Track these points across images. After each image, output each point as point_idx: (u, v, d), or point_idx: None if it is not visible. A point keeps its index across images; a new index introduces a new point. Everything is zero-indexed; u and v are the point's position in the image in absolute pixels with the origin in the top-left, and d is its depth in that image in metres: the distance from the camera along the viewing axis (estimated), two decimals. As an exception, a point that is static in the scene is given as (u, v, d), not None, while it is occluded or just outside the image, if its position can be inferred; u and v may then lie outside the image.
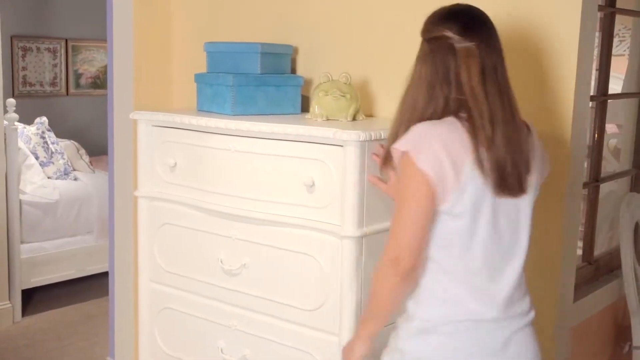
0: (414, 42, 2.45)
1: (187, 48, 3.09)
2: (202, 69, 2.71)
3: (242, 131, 2.28)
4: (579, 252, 2.81)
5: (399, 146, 1.70)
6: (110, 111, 3.21)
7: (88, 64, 6.84)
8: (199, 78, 2.63)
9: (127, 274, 3.21)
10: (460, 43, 1.70)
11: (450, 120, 1.70)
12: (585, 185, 2.63)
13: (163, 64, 3.14)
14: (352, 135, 2.03)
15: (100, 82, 6.83)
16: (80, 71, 6.78)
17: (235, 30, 2.92)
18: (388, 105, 2.54)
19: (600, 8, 2.82)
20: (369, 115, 2.55)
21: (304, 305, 2.21)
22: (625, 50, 3.66)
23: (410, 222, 1.67)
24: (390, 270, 1.69)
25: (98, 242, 4.84)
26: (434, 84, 1.72)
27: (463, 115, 1.70)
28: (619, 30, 3.75)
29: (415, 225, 1.67)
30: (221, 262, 2.39)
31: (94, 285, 4.79)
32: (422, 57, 1.77)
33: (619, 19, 3.44)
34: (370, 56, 2.57)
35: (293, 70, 2.74)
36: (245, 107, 2.47)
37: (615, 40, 3.55)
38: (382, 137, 2.09)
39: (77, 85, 6.78)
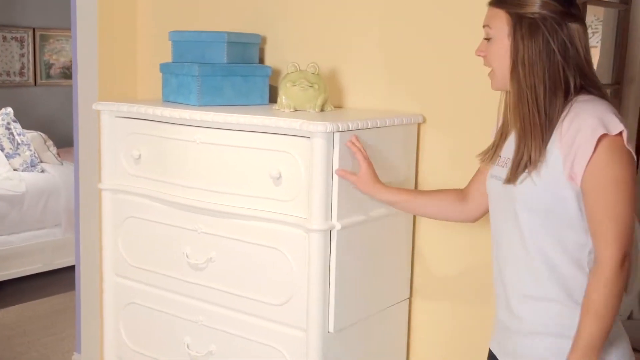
0: (384, 32, 2.43)
1: (153, 37, 3.02)
2: (169, 58, 2.65)
3: (207, 122, 2.22)
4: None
5: (612, 128, 1.50)
6: (75, 102, 3.15)
7: (57, 53, 6.72)
8: (164, 68, 2.56)
9: (93, 268, 3.14)
10: (571, 18, 1.59)
11: (598, 99, 1.58)
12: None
13: (128, 54, 3.07)
14: (319, 127, 1.98)
15: (69, 72, 6.72)
16: (51, 61, 6.66)
17: (202, 18, 2.86)
18: (357, 96, 2.50)
19: (572, -2, 2.79)
20: (338, 106, 2.51)
21: (271, 299, 2.17)
22: (597, 42, 3.66)
23: (632, 211, 1.52)
24: (622, 271, 1.51)
25: (66, 235, 4.76)
26: (552, 65, 1.57)
27: (589, 92, 1.59)
28: (592, 21, 3.74)
29: (634, 213, 1.53)
30: (187, 256, 2.34)
31: (61, 279, 4.71)
32: (525, 36, 1.58)
33: (592, 9, 3.44)
34: (339, 46, 2.52)
35: (261, 60, 2.69)
36: (211, 98, 2.42)
37: (588, 32, 3.54)
38: (350, 129, 2.05)
39: (48, 76, 6.67)
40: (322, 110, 2.31)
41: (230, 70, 2.45)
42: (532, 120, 1.58)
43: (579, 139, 1.52)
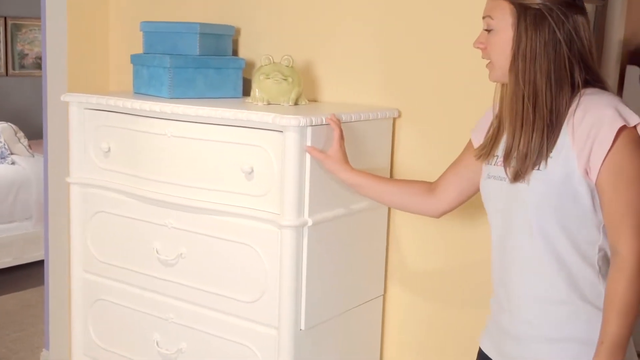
0: (360, 25, 2.39)
1: (125, 27, 2.95)
2: (141, 49, 2.59)
3: (178, 115, 2.17)
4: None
5: (630, 120, 1.46)
6: (44, 93, 3.07)
7: (31, 43, 6.61)
8: (135, 59, 2.51)
9: (62, 263, 3.08)
10: (576, 10, 1.53)
11: (606, 92, 1.54)
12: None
13: (100, 44, 3.00)
14: (292, 121, 1.94)
15: (42, 62, 6.61)
16: (25, 51, 6.55)
17: (176, 8, 2.80)
18: (332, 89, 2.47)
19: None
20: (313, 100, 2.47)
21: (242, 296, 2.13)
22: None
23: None
24: None
25: (36, 228, 4.68)
26: (558, 57, 1.52)
27: (594, 86, 1.54)
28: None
29: None
30: (157, 252, 2.29)
31: (32, 274, 4.63)
32: (530, 27, 1.52)
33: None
34: (315, 39, 2.48)
35: (235, 52, 2.64)
36: (183, 90, 2.36)
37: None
38: (324, 123, 2.01)
39: (21, 66, 6.55)
40: (296, 103, 2.27)
41: (203, 62, 2.40)
42: (524, 116, 1.53)
43: (595, 131, 1.46)
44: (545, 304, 1.58)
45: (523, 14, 1.53)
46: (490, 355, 1.73)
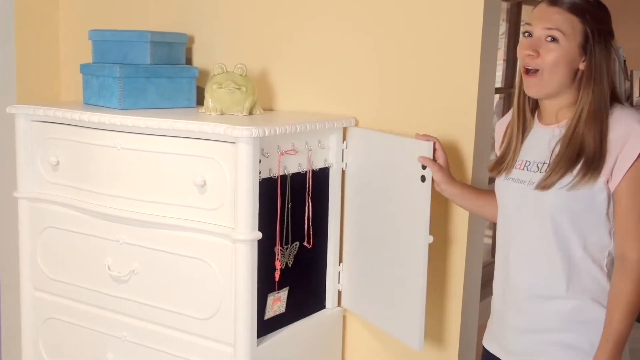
0: (316, 32, 2.34)
1: (75, 36, 2.87)
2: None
3: (128, 127, 2.11)
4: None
5: None
6: (-8, 104, 2.97)
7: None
8: (84, 69, 2.43)
9: (14, 279, 2.97)
10: (612, 36, 1.69)
11: (632, 108, 1.72)
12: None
13: (50, 53, 2.91)
14: (244, 132, 1.89)
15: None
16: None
17: (127, 17, 2.73)
18: (288, 98, 2.42)
19: (506, -2, 2.76)
20: (268, 109, 2.42)
21: (197, 313, 2.07)
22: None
23: None
24: None
25: (-9, 243, 4.54)
26: (609, 78, 1.65)
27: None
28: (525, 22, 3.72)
29: None
30: (108, 268, 2.22)
31: (-13, 289, 4.50)
32: (602, 49, 1.64)
33: (528, 10, 3.42)
34: (270, 46, 2.43)
35: (188, 61, 2.57)
36: (134, 101, 2.30)
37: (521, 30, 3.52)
38: (278, 133, 1.96)
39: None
40: (250, 113, 2.21)
41: (155, 72, 2.33)
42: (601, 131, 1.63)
43: (621, 144, 1.59)
44: (555, 300, 1.69)
45: (597, 37, 1.63)
46: (496, 354, 1.83)
